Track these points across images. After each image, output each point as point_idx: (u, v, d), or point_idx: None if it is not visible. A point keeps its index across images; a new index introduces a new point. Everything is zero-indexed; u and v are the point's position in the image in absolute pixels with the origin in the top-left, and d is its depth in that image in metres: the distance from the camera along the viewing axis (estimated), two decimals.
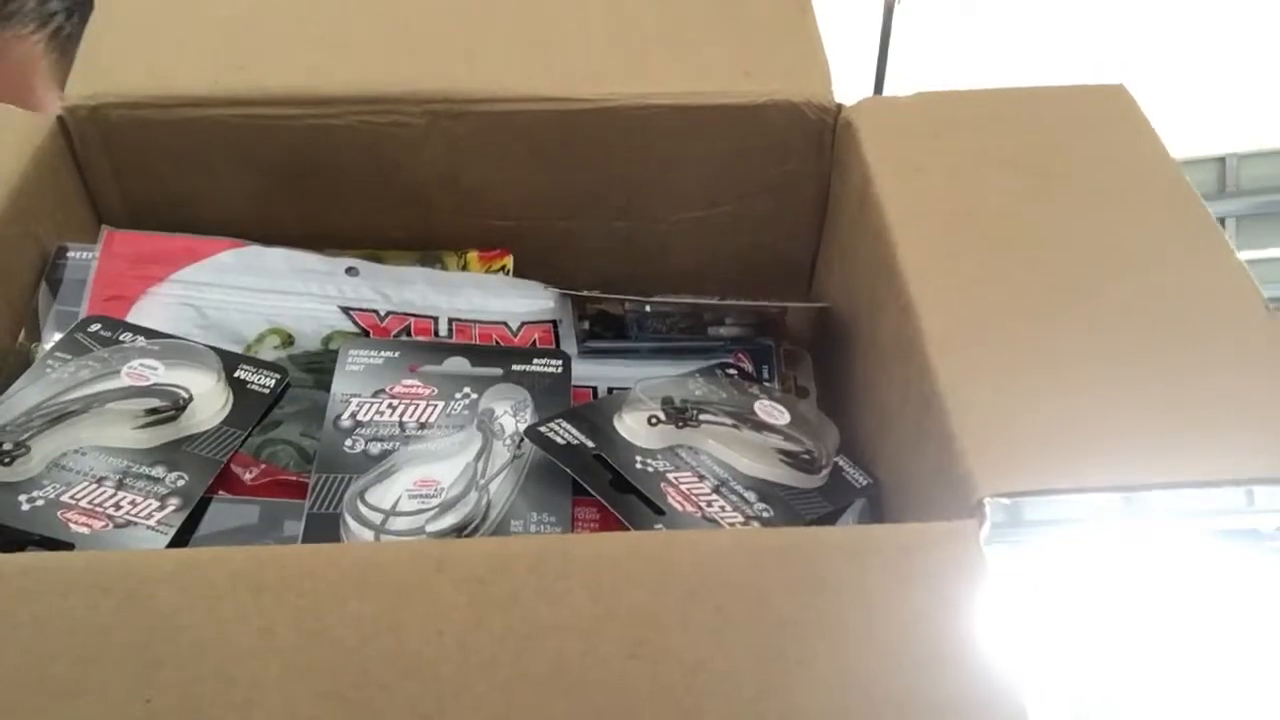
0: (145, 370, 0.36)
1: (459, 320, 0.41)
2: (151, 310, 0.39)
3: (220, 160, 0.42)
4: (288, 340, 0.39)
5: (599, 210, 0.46)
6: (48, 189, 0.41)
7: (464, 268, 0.44)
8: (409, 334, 0.40)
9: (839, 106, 0.46)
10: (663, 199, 0.46)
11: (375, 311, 0.40)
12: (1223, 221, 4.52)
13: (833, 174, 0.44)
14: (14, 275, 0.39)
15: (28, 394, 0.34)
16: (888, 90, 4.29)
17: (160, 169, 0.43)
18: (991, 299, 0.35)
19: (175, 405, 0.35)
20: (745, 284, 0.48)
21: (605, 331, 0.43)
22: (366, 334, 0.39)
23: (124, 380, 0.35)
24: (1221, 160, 4.52)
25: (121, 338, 0.37)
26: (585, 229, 0.46)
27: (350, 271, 0.42)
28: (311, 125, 0.41)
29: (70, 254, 0.41)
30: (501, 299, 0.42)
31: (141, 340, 0.37)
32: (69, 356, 0.36)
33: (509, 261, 0.45)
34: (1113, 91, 0.45)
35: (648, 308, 0.42)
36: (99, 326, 0.37)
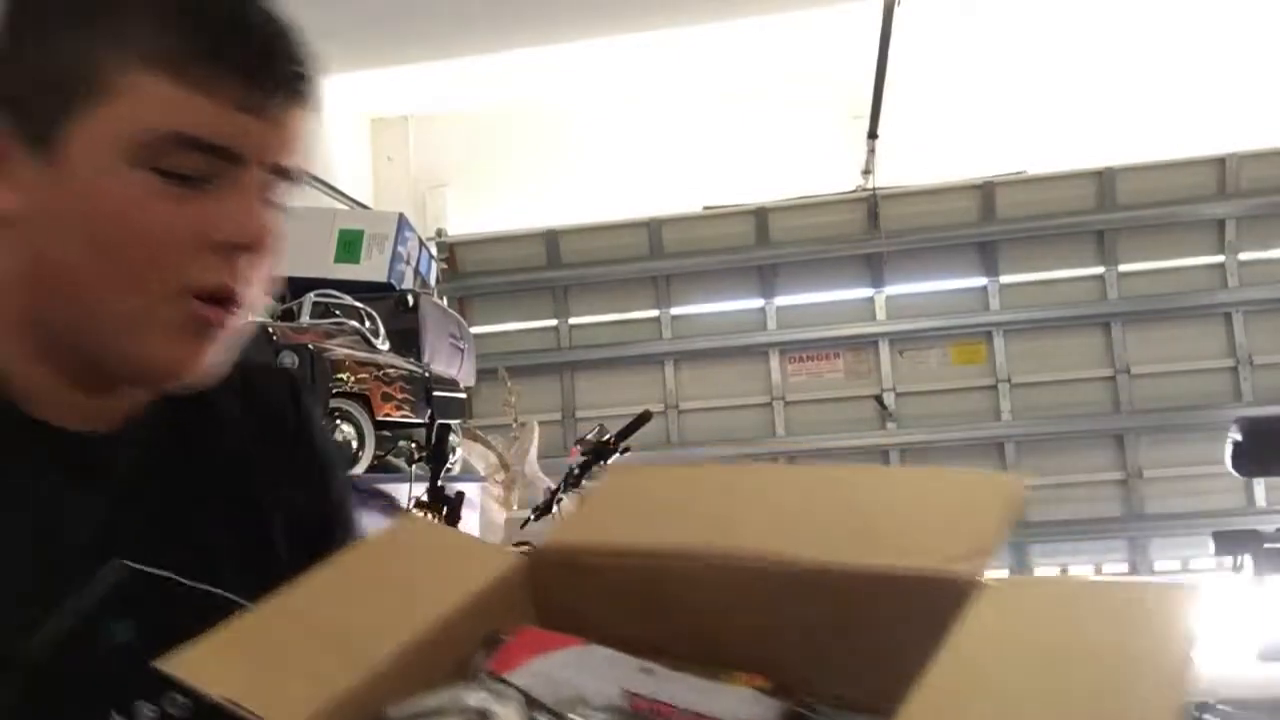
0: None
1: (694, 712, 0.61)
2: (538, 669, 0.63)
3: (594, 589, 0.68)
4: (585, 701, 0.61)
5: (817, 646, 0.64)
6: (507, 595, 0.67)
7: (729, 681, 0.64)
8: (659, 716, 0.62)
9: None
10: (858, 640, 0.62)
11: (641, 695, 0.62)
12: (1222, 222, 4.55)
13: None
14: (467, 647, 0.63)
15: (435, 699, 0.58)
16: (887, 90, 4.30)
17: (572, 585, 0.68)
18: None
19: None
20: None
21: None
22: (631, 710, 0.61)
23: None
24: (1221, 161, 4.55)
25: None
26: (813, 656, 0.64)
27: (645, 670, 0.63)
28: (648, 568, 0.66)
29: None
30: (732, 706, 0.61)
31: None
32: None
33: (763, 684, 0.61)
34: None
35: None
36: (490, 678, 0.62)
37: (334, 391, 2.79)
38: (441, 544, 0.75)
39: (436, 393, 3.34)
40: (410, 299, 3.56)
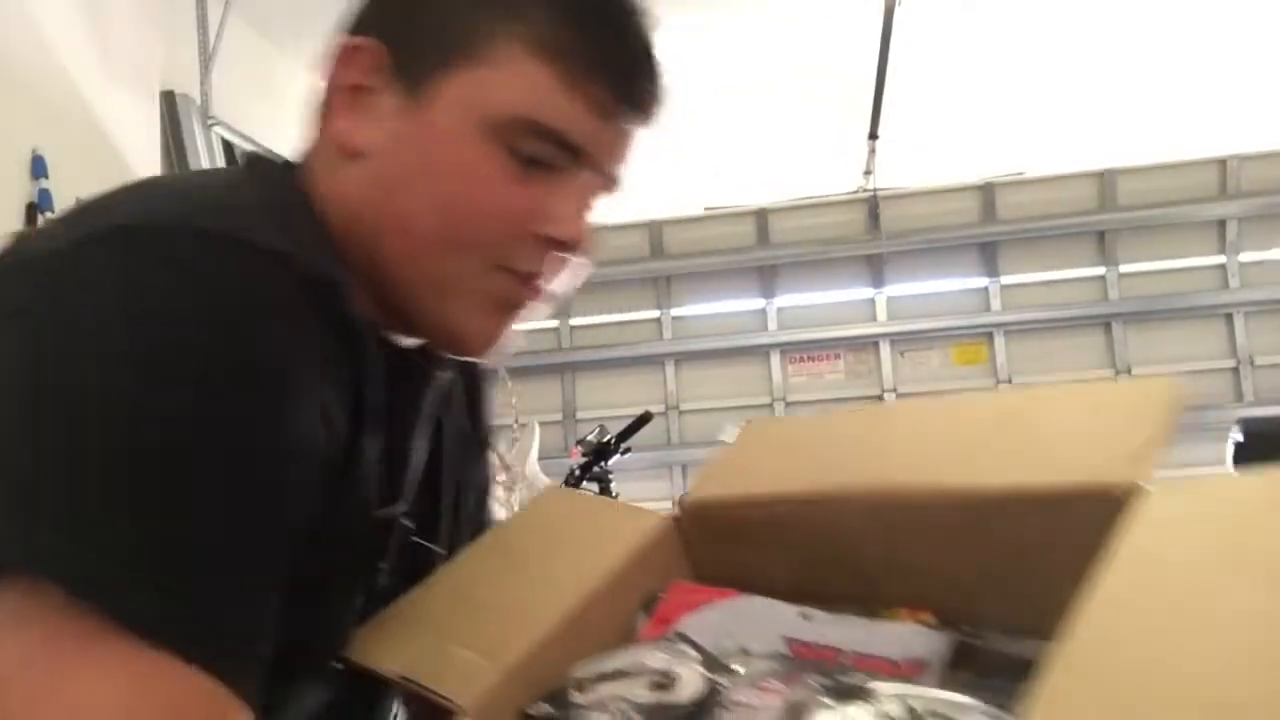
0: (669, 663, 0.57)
1: (859, 653, 0.58)
2: (695, 624, 0.62)
3: (745, 539, 0.66)
4: (746, 652, 0.59)
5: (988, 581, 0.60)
6: (658, 554, 0.66)
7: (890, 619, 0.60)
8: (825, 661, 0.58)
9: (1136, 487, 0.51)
10: (1019, 563, 0.58)
11: (803, 641, 0.59)
12: (1223, 222, 4.55)
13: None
14: (625, 609, 0.64)
15: (618, 660, 0.57)
16: (887, 90, 4.29)
17: (723, 538, 0.67)
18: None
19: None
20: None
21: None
22: (794, 657, 0.58)
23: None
24: (1223, 162, 4.54)
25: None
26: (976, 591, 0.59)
27: (804, 616, 0.60)
28: (796, 514, 0.62)
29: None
30: (899, 643, 0.57)
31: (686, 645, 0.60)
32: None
33: (928, 618, 0.59)
34: None
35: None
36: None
37: None
38: (588, 511, 0.75)
39: None
40: None
